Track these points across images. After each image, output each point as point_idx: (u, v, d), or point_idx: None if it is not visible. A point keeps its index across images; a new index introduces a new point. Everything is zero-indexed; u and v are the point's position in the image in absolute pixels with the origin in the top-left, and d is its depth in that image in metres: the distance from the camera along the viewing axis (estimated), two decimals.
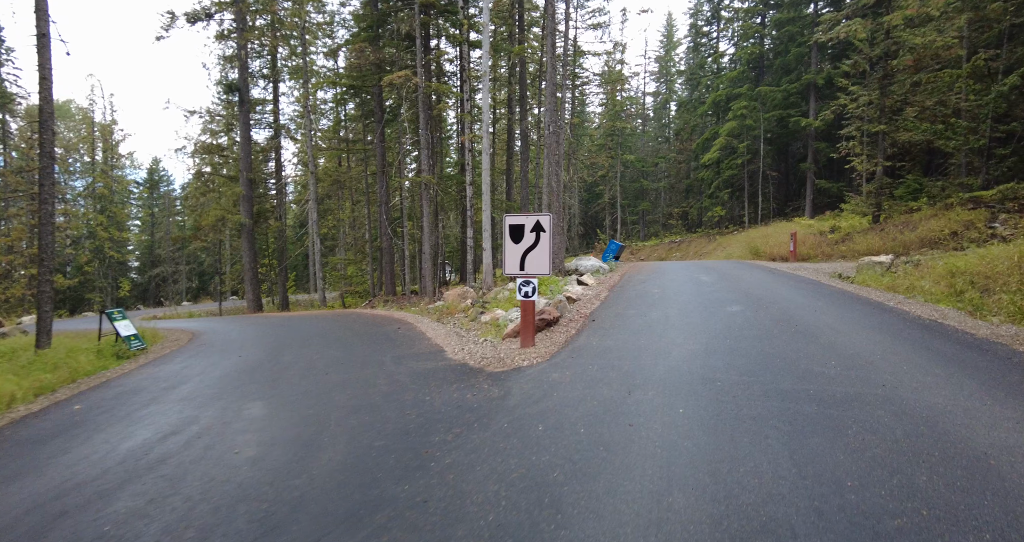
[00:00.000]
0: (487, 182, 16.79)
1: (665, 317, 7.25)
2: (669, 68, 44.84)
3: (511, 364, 5.51)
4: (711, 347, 5.35)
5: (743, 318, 6.70)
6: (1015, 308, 5.52)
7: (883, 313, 6.39)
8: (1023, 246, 6.86)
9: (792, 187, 33.66)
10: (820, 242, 16.32)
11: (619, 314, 7.83)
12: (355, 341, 8.85)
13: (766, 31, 30.15)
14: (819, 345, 5.10)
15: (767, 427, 3.22)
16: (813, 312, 6.74)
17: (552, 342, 6.47)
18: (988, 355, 4.40)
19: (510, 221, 6.52)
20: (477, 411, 3.95)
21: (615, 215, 40.12)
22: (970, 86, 15.39)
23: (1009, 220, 12.52)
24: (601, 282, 12.76)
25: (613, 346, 5.80)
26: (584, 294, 10.37)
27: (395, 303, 19.64)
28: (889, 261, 9.92)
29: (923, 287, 7.57)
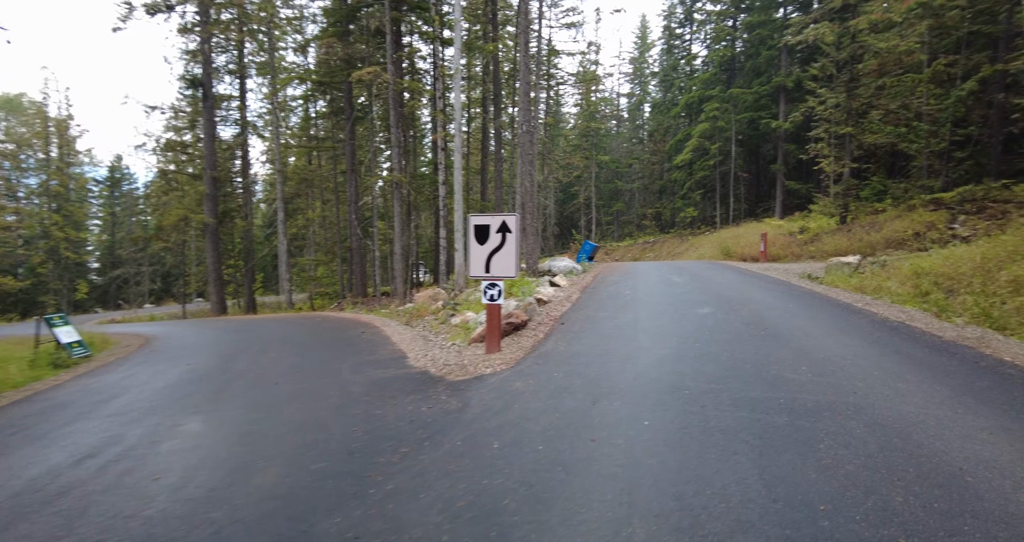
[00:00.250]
0: (459, 181, 16.48)
1: (635, 320, 7.07)
2: (643, 69, 45.17)
3: (474, 372, 5.23)
4: (680, 352, 5.17)
5: (713, 321, 6.56)
6: (979, 310, 5.49)
7: (852, 315, 6.33)
8: (984, 248, 6.90)
9: (763, 188, 34.21)
10: (790, 243, 16.48)
11: (589, 317, 7.63)
12: (315, 346, 8.45)
13: (737, 34, 30.55)
14: (789, 349, 4.97)
15: (736, 441, 3.01)
16: (783, 314, 6.64)
17: (519, 347, 6.21)
18: (956, 359, 4.32)
19: (475, 221, 6.25)
20: (431, 426, 3.66)
21: (590, 216, 40.18)
22: (931, 90, 15.74)
23: (968, 221, 12.79)
24: (574, 283, 12.58)
25: (581, 351, 5.58)
26: (556, 296, 10.15)
27: (365, 305, 19.15)
28: (856, 262, 9.97)
29: (890, 288, 7.57)
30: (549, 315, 8.18)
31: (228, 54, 25.34)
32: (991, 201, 13.10)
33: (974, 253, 6.91)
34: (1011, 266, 5.83)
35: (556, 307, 8.97)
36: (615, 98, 44.89)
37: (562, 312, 8.33)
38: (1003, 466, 2.56)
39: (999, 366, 4.07)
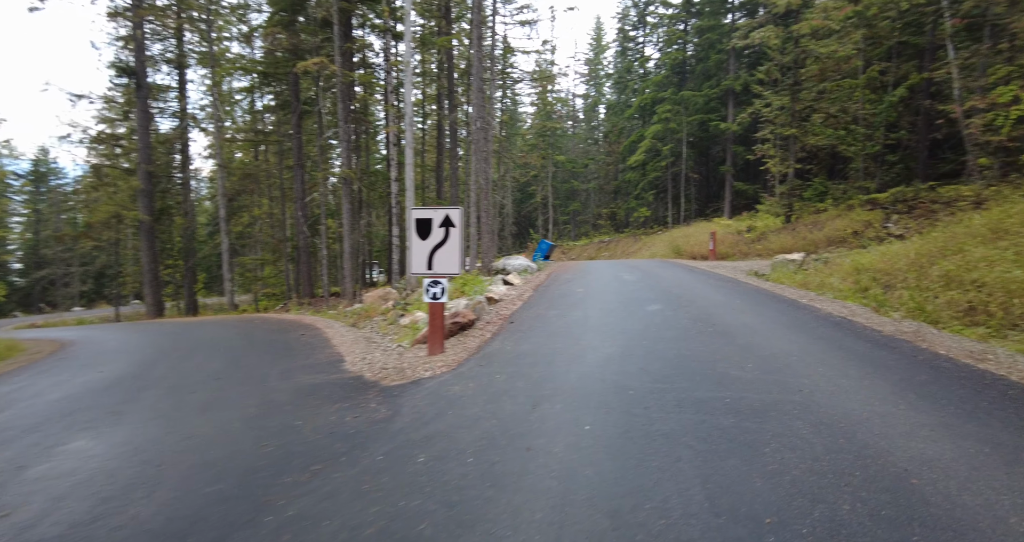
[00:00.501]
0: (411, 178, 15.98)
1: (585, 318, 6.88)
2: (598, 71, 45.66)
3: (412, 376, 4.87)
4: (628, 350, 4.99)
5: (662, 318, 6.44)
6: (914, 304, 5.57)
7: (797, 311, 6.34)
8: (917, 245, 7.09)
9: (712, 189, 35.14)
10: (738, 241, 16.85)
11: (539, 315, 7.39)
12: (248, 350, 7.85)
13: (688, 37, 31.22)
14: (736, 346, 4.86)
15: (679, 446, 2.80)
16: (730, 311, 6.60)
17: (464, 348, 5.89)
18: (896, 353, 4.30)
19: (416, 215, 5.89)
20: (352, 439, 3.29)
21: (547, 215, 40.24)
22: (866, 95, 16.43)
23: (900, 220, 13.37)
24: (527, 282, 12.36)
25: (527, 351, 5.31)
26: (507, 294, 9.88)
27: (312, 306, 18.33)
28: (801, 259, 10.18)
29: (832, 284, 7.69)
30: (499, 314, 7.89)
31: (166, 42, 23.78)
32: (920, 201, 13.74)
33: (908, 250, 7.08)
34: (942, 262, 5.97)
35: (507, 306, 8.70)
36: (571, 98, 45.20)
37: (513, 311, 8.06)
38: (946, 466, 2.44)
39: (935, 360, 4.06)
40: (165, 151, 25.85)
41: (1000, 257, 5.41)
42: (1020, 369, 3.72)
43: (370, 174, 25.64)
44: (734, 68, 27.99)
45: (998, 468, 2.39)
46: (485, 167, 17.48)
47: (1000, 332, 4.63)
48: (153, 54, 22.49)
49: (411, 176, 15.85)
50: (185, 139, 24.47)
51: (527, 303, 8.78)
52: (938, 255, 6.39)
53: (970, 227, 6.68)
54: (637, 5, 36.81)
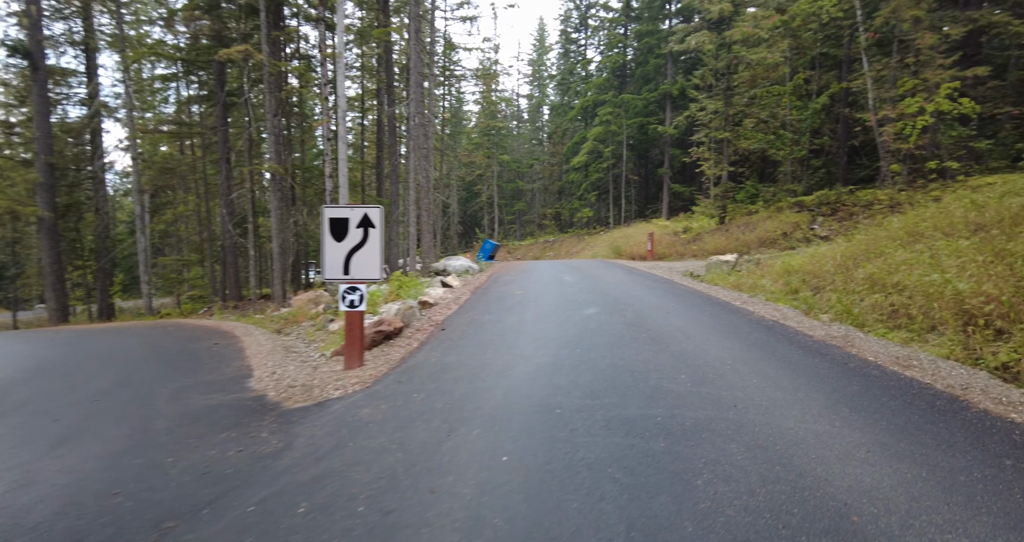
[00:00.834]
0: (344, 174, 15.12)
1: (520, 323, 6.52)
2: (542, 72, 45.74)
3: (319, 395, 4.32)
4: (559, 360, 4.65)
5: (597, 322, 6.18)
6: (841, 307, 5.57)
7: (730, 314, 6.25)
8: (843, 247, 7.21)
9: (651, 191, 35.96)
10: (674, 242, 17.11)
11: (474, 321, 6.96)
12: (144, 364, 6.95)
13: (628, 41, 31.72)
14: (670, 354, 4.63)
15: (604, 480, 2.46)
16: (665, 314, 6.43)
17: (386, 360, 5.37)
18: (827, 361, 4.18)
19: (330, 214, 5.31)
20: (226, 481, 2.74)
21: (493, 215, 39.89)
22: (793, 102, 17.11)
23: (824, 222, 13.94)
24: (467, 283, 11.90)
25: (454, 363, 4.88)
26: (444, 298, 9.39)
27: (239, 310, 17.07)
28: (734, 260, 10.30)
29: (764, 286, 7.73)
30: (431, 320, 7.40)
31: (71, 22, 21.47)
32: (842, 204, 14.40)
33: (834, 252, 7.20)
34: (866, 265, 6.04)
35: (441, 310, 8.22)
36: (515, 99, 45.03)
37: (446, 316, 7.60)
38: (886, 496, 2.22)
39: (865, 367, 3.96)
40: (73, 141, 23.44)
41: (917, 260, 5.49)
42: (943, 376, 3.65)
43: (306, 170, 24.30)
44: (672, 73, 28.67)
45: (937, 498, 2.19)
46: (426, 165, 16.86)
47: (921, 336, 4.64)
48: (54, 34, 20.26)
49: (344, 172, 15.01)
50: (97, 129, 22.23)
51: (463, 307, 8.34)
52: (862, 258, 6.48)
53: (889, 230, 6.85)
54: (579, 7, 37.10)
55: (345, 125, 15.13)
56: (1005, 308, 4.02)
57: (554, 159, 41.70)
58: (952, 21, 14.55)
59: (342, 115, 15.02)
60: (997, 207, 5.77)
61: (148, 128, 24.30)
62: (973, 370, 3.71)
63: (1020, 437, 2.70)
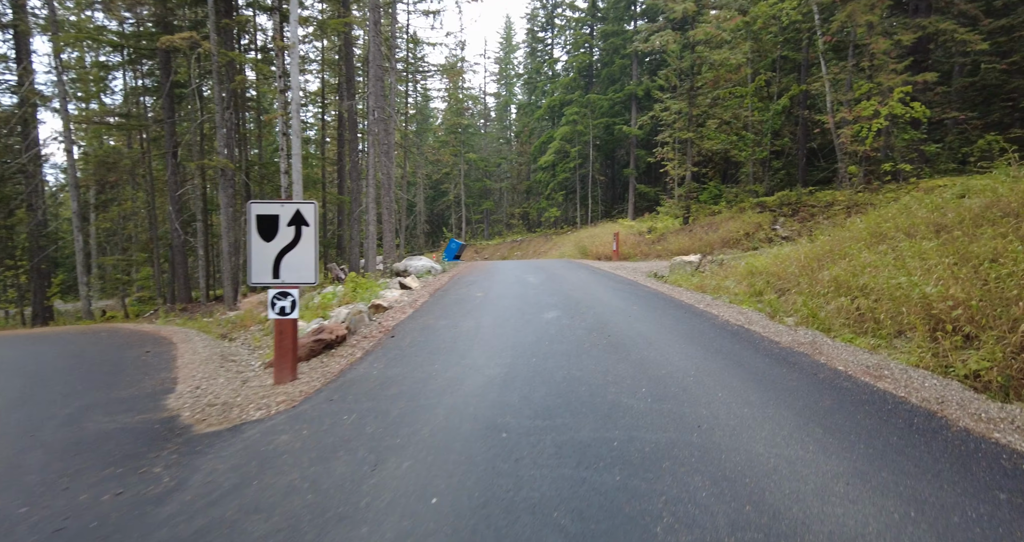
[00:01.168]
0: (298, 170, 14.37)
1: (476, 328, 6.08)
2: (508, 71, 45.36)
3: (239, 416, 3.77)
4: (513, 371, 4.24)
5: (557, 327, 5.80)
6: (807, 311, 5.35)
7: (694, 318, 5.97)
8: (807, 248, 7.05)
9: (618, 191, 36.07)
10: (639, 242, 16.98)
11: (427, 326, 6.48)
12: (56, 377, 6.18)
13: (594, 41, 31.64)
14: (630, 363, 4.28)
15: (548, 528, 2.04)
16: (627, 319, 6.10)
17: (323, 372, 4.85)
18: (796, 371, 3.90)
19: (257, 210, 4.75)
20: (82, 538, 2.20)
21: (460, 213, 39.29)
22: (755, 103, 17.22)
23: (786, 223, 14.01)
24: (427, 285, 11.37)
25: (397, 376, 4.40)
26: (399, 301, 8.85)
27: (187, 313, 16.04)
28: (698, 261, 10.12)
29: (728, 287, 7.52)
30: (382, 325, 6.88)
31: None
32: (802, 205, 14.51)
33: (798, 253, 7.03)
34: (831, 266, 5.85)
35: (395, 314, 7.69)
36: (482, 97, 44.50)
37: (399, 321, 7.08)
38: None
39: (835, 378, 3.69)
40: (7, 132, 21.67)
41: (882, 262, 5.31)
42: (916, 388, 3.40)
43: (263, 166, 23.20)
44: (637, 74, 28.71)
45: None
46: (386, 161, 16.21)
47: (889, 341, 4.43)
48: None
49: (299, 168, 14.26)
50: (30, 119, 20.60)
51: (419, 311, 7.84)
52: (826, 259, 6.31)
53: (852, 231, 6.72)
54: (545, 7, 36.86)
55: (299, 119, 14.37)
56: (973, 312, 3.81)
57: (522, 158, 41.39)
58: (903, 27, 14.84)
59: (296, 108, 14.27)
60: (957, 208, 5.66)
61: (89, 119, 22.71)
62: (946, 380, 3.47)
63: (1008, 463, 2.42)
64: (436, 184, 42.72)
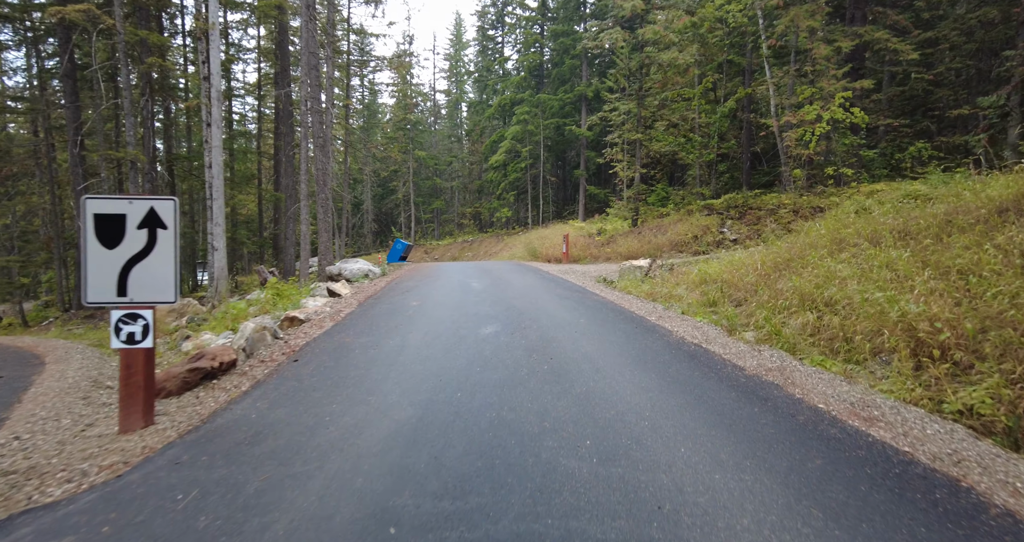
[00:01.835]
0: (218, 163, 12.91)
1: (400, 349, 5.12)
2: (459, 68, 44.21)
3: (28, 496, 2.67)
4: (429, 413, 3.33)
5: (494, 347, 4.93)
6: (770, 327, 4.72)
7: (646, 334, 5.24)
8: (762, 255, 6.51)
9: (568, 192, 35.72)
10: (589, 244, 16.42)
11: (342, 346, 5.46)
12: None
13: (545, 41, 31.07)
14: (574, 398, 3.46)
15: None
16: (574, 335, 5.31)
17: (191, 414, 3.77)
18: (770, 410, 3.19)
19: (95, 208, 3.60)
20: None
21: (409, 212, 37.85)
22: (702, 105, 17.01)
23: (733, 225, 13.76)
24: (359, 291, 10.23)
25: (279, 422, 3.39)
26: (320, 312, 7.72)
27: (92, 321, 14.13)
28: (647, 266, 9.53)
29: (680, 296, 6.89)
30: (289, 344, 5.78)
31: None
32: (749, 208, 14.33)
33: (754, 260, 6.48)
34: (793, 276, 5.27)
35: (310, 329, 6.59)
36: (432, 94, 43.15)
37: (311, 338, 6.00)
38: None
39: (818, 422, 2.99)
40: None
41: (849, 273, 4.75)
42: (919, 438, 2.75)
43: (187, 159, 21.11)
44: (587, 75, 28.34)
45: None
46: (322, 155, 14.86)
47: (864, 364, 3.82)
48: None
49: (219, 161, 12.81)
50: None
51: (340, 324, 6.77)
52: (785, 267, 5.75)
53: (811, 237, 6.22)
54: (496, 4, 36.00)
55: (221, 108, 12.85)
56: (966, 337, 3.23)
57: (473, 157, 40.39)
58: (842, 35, 14.92)
59: (216, 96, 12.80)
60: (922, 214, 5.21)
61: None
62: (951, 425, 2.84)
63: None
64: (384, 182, 41.04)
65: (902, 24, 15.14)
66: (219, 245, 12.70)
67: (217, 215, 12.76)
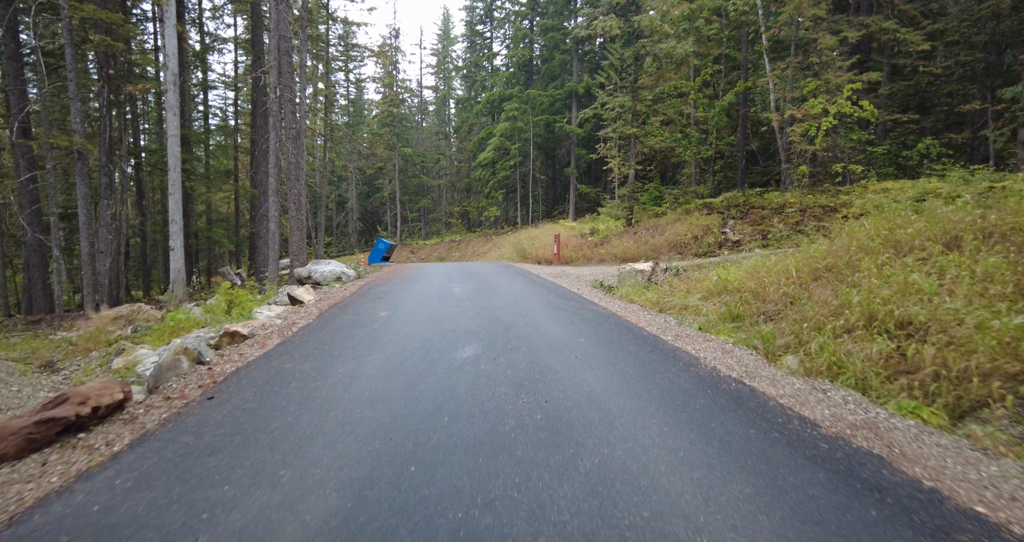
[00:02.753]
0: (175, 154, 11.56)
1: (348, 382, 3.90)
2: (447, 64, 42.84)
3: None
4: (359, 514, 2.12)
5: (471, 382, 3.73)
6: (828, 357, 3.56)
7: (666, 363, 4.07)
8: (798, 259, 5.36)
9: (558, 191, 34.61)
10: (582, 244, 15.27)
11: (278, 375, 4.22)
12: None
13: (534, 35, 29.89)
14: (581, 479, 2.28)
15: None
16: (574, 362, 4.13)
17: (13, 499, 2.51)
18: (898, 515, 2.02)
19: None
20: None
21: (395, 211, 36.45)
22: (700, 99, 15.95)
23: (736, 225, 12.70)
24: (325, 297, 8.94)
25: (127, 519, 2.16)
26: (269, 325, 6.43)
27: (37, 327, 12.63)
28: (650, 269, 8.37)
29: (693, 306, 5.74)
30: (213, 372, 4.51)
31: None
32: (751, 207, 13.28)
33: (786, 265, 5.34)
34: (846, 290, 4.12)
35: (250, 348, 5.32)
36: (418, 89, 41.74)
37: (245, 362, 4.75)
38: None
39: None
40: None
41: (928, 286, 3.62)
42: None
43: (156, 153, 19.59)
44: (578, 71, 27.21)
45: None
46: (294, 147, 13.50)
47: (976, 415, 2.68)
48: None
49: (175, 151, 11.46)
50: None
51: (287, 341, 5.51)
52: (827, 274, 4.61)
53: (854, 238, 5.09)
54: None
55: (176, 93, 11.47)
56: None
57: (461, 155, 39.09)
58: (848, 25, 13.92)
59: (172, 79, 11.45)
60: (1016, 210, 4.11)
61: None
62: None
63: None
64: (370, 179, 39.58)
65: (911, 14, 14.19)
66: (176, 244, 11.32)
67: (173, 211, 11.38)
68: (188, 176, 18.71)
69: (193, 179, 19.20)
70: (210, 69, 25.37)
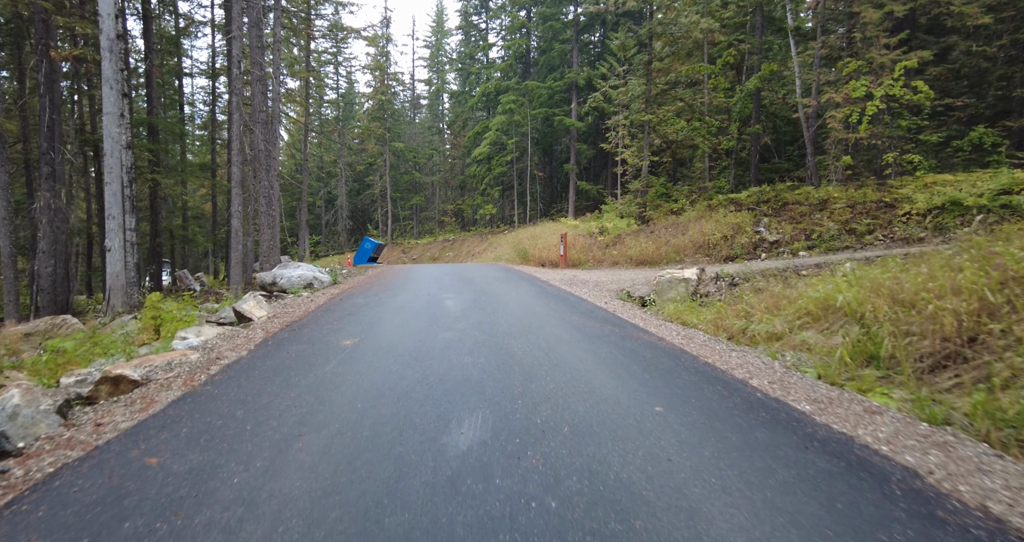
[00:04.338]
0: (111, 136, 9.49)
1: (242, 516, 1.90)
2: (440, 58, 40.70)
3: None
4: None
5: (468, 487, 1.74)
6: None
7: (850, 478, 2.13)
8: (973, 272, 3.43)
9: (557, 189, 32.68)
10: (591, 245, 13.33)
11: (120, 488, 2.22)
12: None
13: (532, 25, 27.89)
14: None
15: None
16: (629, 433, 2.16)
17: None
18: None
19: None
20: None
21: (386, 208, 34.33)
22: (722, 84, 14.06)
23: (771, 224, 10.82)
24: (281, 313, 6.91)
25: None
26: (183, 361, 4.40)
27: None
28: (695, 277, 6.44)
29: (779, 333, 3.82)
30: (25, 467, 2.51)
31: None
32: (784, 203, 11.41)
33: (947, 280, 3.42)
34: None
35: (121, 415, 3.32)
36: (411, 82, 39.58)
37: (78, 457, 2.73)
38: None
39: None
40: None
41: None
42: None
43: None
44: (577, 61, 25.26)
45: None
46: (265, 132, 11.44)
47: None
48: None
49: (112, 132, 9.38)
50: None
51: (187, 396, 3.54)
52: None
53: None
54: None
55: (114, 61, 9.37)
56: None
57: (455, 151, 37.03)
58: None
59: (108, 45, 9.37)
60: None
61: None
62: None
63: None
64: (360, 176, 37.42)
65: None
66: (113, 244, 9.23)
67: (111, 205, 9.29)
68: (153, 168, 16.54)
69: (160, 171, 17.02)
70: (186, 54, 23.15)
